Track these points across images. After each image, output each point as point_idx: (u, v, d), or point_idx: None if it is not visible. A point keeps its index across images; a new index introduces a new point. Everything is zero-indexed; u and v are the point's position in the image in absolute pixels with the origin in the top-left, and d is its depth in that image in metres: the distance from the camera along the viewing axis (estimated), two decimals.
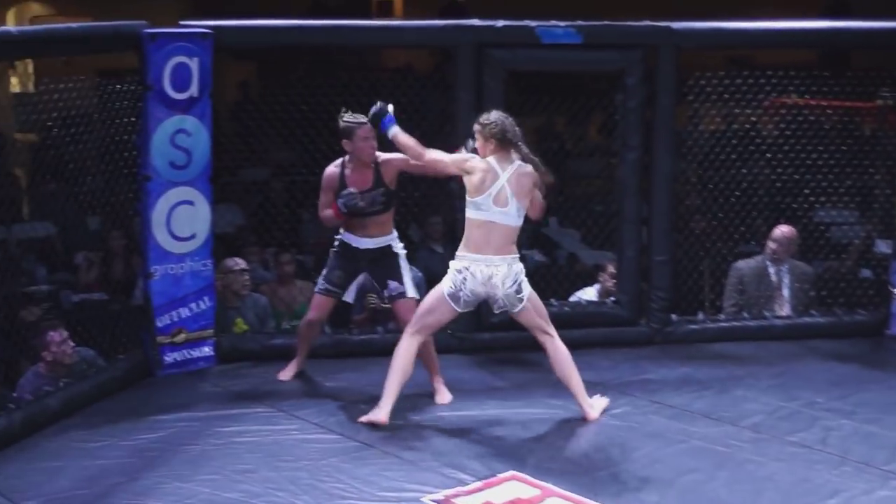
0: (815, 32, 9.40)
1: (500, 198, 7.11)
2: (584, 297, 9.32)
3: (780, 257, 9.39)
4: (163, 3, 17.65)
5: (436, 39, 8.76)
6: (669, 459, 6.76)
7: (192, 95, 8.00)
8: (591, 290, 9.39)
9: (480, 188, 7.09)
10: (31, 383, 7.55)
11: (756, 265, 9.46)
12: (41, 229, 10.14)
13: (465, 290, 7.15)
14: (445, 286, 7.18)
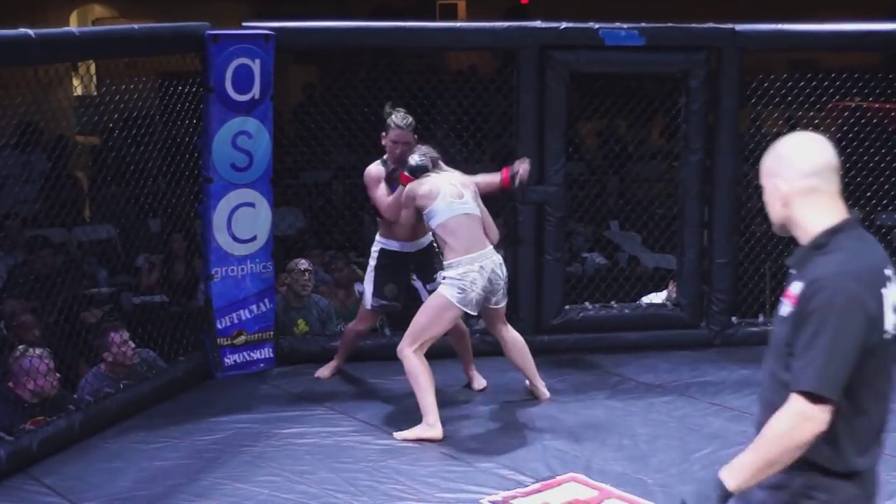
0: (879, 35, 9.29)
1: (455, 193, 7.31)
2: (652, 302, 9.28)
3: None
4: (225, 4, 17.79)
5: (498, 41, 8.74)
6: (729, 461, 6.69)
7: (253, 97, 8.01)
8: (659, 296, 9.34)
9: (431, 194, 7.28)
10: (92, 384, 7.59)
11: None
12: (102, 232, 10.20)
13: (475, 292, 7.18)
14: (452, 296, 7.15)
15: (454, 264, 7.16)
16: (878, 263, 3.61)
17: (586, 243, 11.19)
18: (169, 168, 8.26)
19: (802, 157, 3.71)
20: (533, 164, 8.34)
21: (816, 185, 3.67)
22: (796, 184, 3.68)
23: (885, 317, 3.54)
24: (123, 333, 7.68)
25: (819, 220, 3.66)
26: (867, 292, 3.52)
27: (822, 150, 3.71)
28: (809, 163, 3.70)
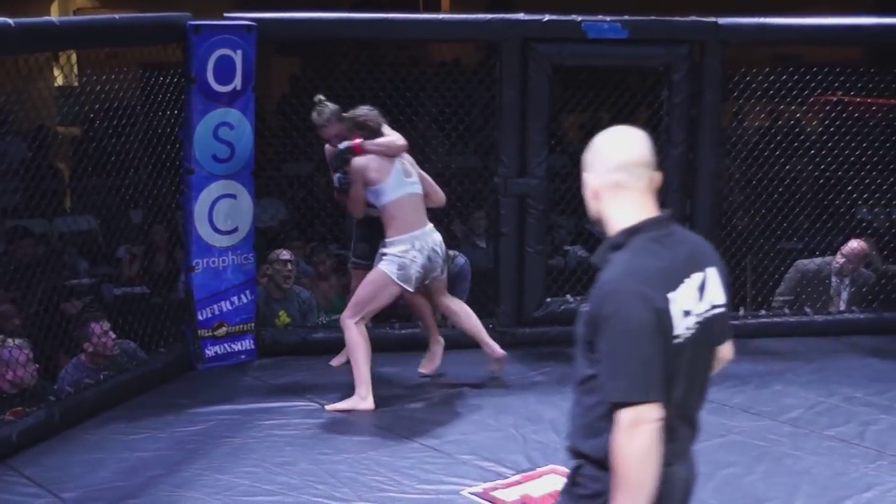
0: (861, 29, 9.32)
1: (405, 171, 7.47)
2: None
3: (846, 272, 9.37)
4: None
5: (481, 33, 8.73)
6: (708, 453, 6.67)
7: (235, 88, 8.00)
8: None
9: (382, 171, 7.39)
10: (72, 375, 7.56)
11: (818, 269, 9.42)
12: (83, 223, 10.15)
13: (415, 269, 7.35)
14: (392, 272, 7.34)
15: (395, 242, 7.37)
16: (672, 266, 3.53)
17: (568, 236, 11.19)
18: (150, 159, 8.24)
19: (611, 150, 3.62)
20: (515, 156, 8.37)
21: (623, 180, 3.59)
22: (604, 178, 3.61)
23: (673, 320, 3.47)
24: (104, 324, 7.66)
25: (622, 217, 3.61)
26: (656, 292, 3.44)
27: (632, 145, 3.62)
28: (617, 157, 3.60)
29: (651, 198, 3.62)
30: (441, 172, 9.43)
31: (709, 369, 3.69)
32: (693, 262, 3.58)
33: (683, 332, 3.49)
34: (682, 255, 3.57)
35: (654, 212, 3.62)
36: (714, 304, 3.62)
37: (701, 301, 3.57)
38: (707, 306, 3.59)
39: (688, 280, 3.53)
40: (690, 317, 3.52)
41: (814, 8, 9.51)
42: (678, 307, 3.48)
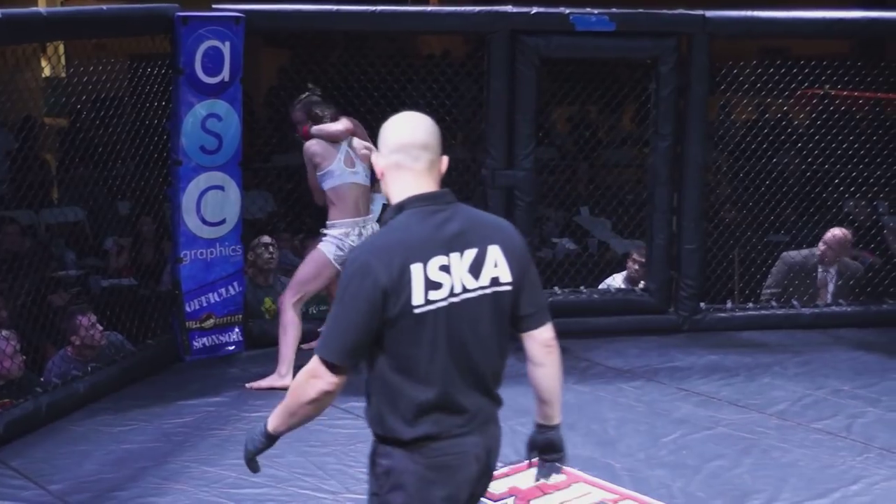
0: (849, 22, 9.32)
1: (348, 161, 7.58)
2: (612, 284, 9.32)
3: (830, 260, 9.38)
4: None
5: (469, 26, 8.72)
6: (696, 446, 6.77)
7: (223, 80, 7.99)
8: (619, 277, 9.39)
9: (327, 157, 7.55)
10: (59, 367, 7.56)
11: (804, 260, 9.44)
12: (71, 214, 10.15)
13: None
14: (330, 252, 7.50)
15: (337, 224, 7.55)
16: (428, 240, 3.73)
17: (556, 228, 11.20)
18: (138, 150, 8.23)
19: (392, 134, 3.85)
20: (503, 148, 8.38)
21: (401, 161, 3.81)
22: (387, 159, 3.84)
23: (412, 291, 3.68)
24: (91, 316, 7.65)
25: (397, 195, 3.84)
26: (386, 264, 3.67)
27: (411, 128, 3.86)
28: (396, 140, 3.83)
29: (430, 178, 3.83)
30: None
31: (497, 343, 3.87)
32: (463, 239, 3.77)
33: (427, 304, 3.70)
34: (449, 232, 3.76)
35: (430, 190, 3.83)
36: (495, 280, 3.81)
37: (474, 277, 3.78)
38: (485, 282, 3.79)
39: (450, 255, 3.74)
40: (443, 289, 3.72)
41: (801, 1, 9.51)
42: (421, 278, 3.69)
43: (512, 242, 3.88)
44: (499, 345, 3.89)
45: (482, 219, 3.91)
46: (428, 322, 3.73)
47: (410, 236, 3.74)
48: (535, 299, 3.94)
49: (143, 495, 6.07)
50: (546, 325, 3.99)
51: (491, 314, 3.84)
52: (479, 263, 3.79)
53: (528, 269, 3.91)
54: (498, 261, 3.82)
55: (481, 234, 3.82)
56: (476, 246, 3.79)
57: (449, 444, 3.80)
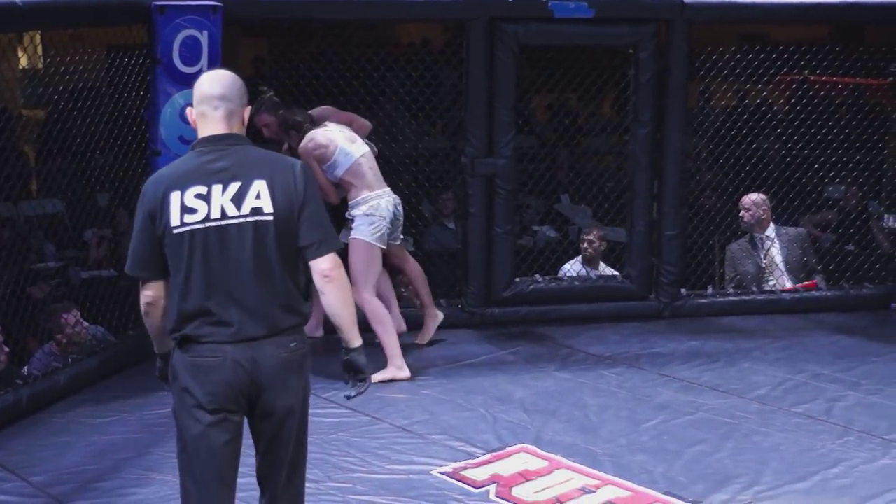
0: (827, 7, 9.32)
1: (348, 140, 7.69)
2: (570, 269, 9.30)
3: (752, 224, 9.34)
4: None
5: (447, 13, 8.71)
6: (677, 431, 6.79)
7: (201, 69, 7.92)
8: (576, 261, 9.35)
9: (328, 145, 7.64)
10: (42, 363, 7.54)
11: (742, 241, 9.47)
12: (49, 206, 10.10)
13: (384, 225, 7.59)
14: (365, 235, 7.55)
15: (360, 201, 7.58)
16: (193, 173, 4.39)
17: (537, 216, 11.20)
18: (116, 141, 8.20)
19: (198, 88, 4.52)
20: (483, 136, 8.37)
21: (204, 110, 4.48)
22: (196, 109, 4.51)
23: (171, 214, 4.34)
24: (75, 313, 7.64)
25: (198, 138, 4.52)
26: (153, 192, 4.41)
27: (212, 83, 4.51)
28: (199, 93, 4.51)
29: (224, 125, 4.46)
30: (409, 153, 9.43)
31: (267, 268, 4.39)
32: (228, 174, 4.38)
33: (182, 226, 4.34)
34: (215, 167, 4.39)
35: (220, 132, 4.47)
36: (257, 210, 4.37)
37: (236, 206, 4.35)
38: (246, 211, 4.36)
39: (212, 186, 4.35)
40: (198, 214, 4.33)
41: None
42: (176, 206, 4.34)
43: (284, 179, 4.41)
44: (270, 270, 4.40)
45: (258, 158, 4.47)
46: (185, 241, 4.35)
47: (178, 169, 4.45)
48: (313, 233, 4.45)
49: (125, 486, 6.06)
50: (324, 256, 4.48)
51: (253, 240, 4.38)
52: (242, 195, 4.37)
53: (303, 204, 4.42)
54: (261, 193, 4.38)
55: (250, 171, 4.39)
56: (241, 180, 4.37)
57: (207, 349, 4.39)
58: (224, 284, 4.38)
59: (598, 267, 9.29)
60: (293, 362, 4.49)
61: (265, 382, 4.44)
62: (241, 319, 4.38)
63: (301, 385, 4.57)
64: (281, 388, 4.48)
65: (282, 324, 4.45)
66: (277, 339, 4.44)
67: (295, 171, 4.46)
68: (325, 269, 4.47)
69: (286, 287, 4.44)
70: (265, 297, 4.41)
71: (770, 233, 9.39)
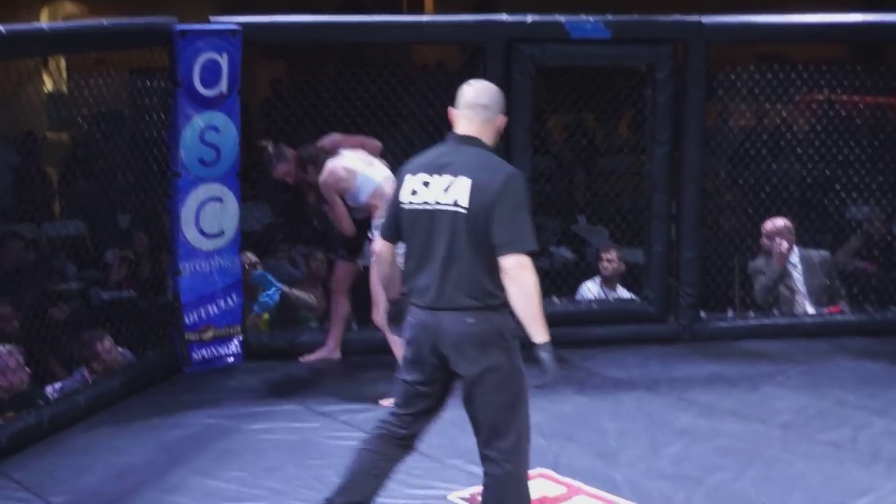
0: (847, 27, 9.33)
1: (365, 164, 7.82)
2: (589, 289, 9.29)
3: (770, 250, 9.28)
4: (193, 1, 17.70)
5: (465, 35, 8.74)
6: (697, 457, 6.73)
7: (221, 92, 8.02)
8: (593, 283, 9.33)
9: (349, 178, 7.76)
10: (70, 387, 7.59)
11: (763, 262, 9.39)
12: (72, 227, 10.16)
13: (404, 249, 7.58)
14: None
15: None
16: (425, 164, 5.16)
17: (553, 237, 11.19)
18: (137, 163, 8.25)
19: (463, 94, 5.26)
20: (500, 157, 8.37)
21: (465, 113, 5.20)
22: (459, 111, 5.23)
23: (402, 192, 5.16)
24: (107, 340, 7.71)
25: None
26: (400, 173, 5.25)
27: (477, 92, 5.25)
28: (465, 98, 5.24)
29: (471, 127, 5.19)
30: None
31: (457, 251, 5.02)
32: (448, 168, 5.07)
33: (407, 203, 5.14)
34: (444, 161, 5.11)
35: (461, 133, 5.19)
36: (456, 203, 5.00)
37: (444, 193, 5.03)
38: (450, 201, 5.02)
39: (431, 176, 5.09)
40: (418, 196, 5.10)
41: (799, 6, 9.52)
42: (408, 186, 5.15)
43: (485, 181, 4.99)
44: (458, 254, 5.03)
45: (476, 160, 5.08)
46: (408, 216, 5.14)
47: (421, 158, 5.23)
48: (501, 233, 4.95)
49: None
50: (508, 255, 4.95)
51: (450, 225, 5.02)
52: (450, 187, 5.02)
53: (496, 205, 4.95)
54: (463, 189, 4.99)
55: (463, 168, 5.02)
56: (454, 174, 5.03)
57: (414, 310, 5.19)
58: (426, 255, 5.10)
59: (615, 288, 9.28)
60: (470, 335, 5.05)
61: (446, 350, 5.10)
62: (431, 290, 5.08)
63: (482, 357, 5.08)
64: (460, 357, 5.09)
65: (461, 302, 5.04)
66: (456, 314, 5.04)
67: (498, 176, 5.03)
68: (507, 268, 4.96)
69: (469, 271, 5.02)
70: (450, 276, 5.04)
71: (793, 258, 9.33)
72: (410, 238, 5.17)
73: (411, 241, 5.17)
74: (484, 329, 5.05)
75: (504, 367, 5.14)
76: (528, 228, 5.04)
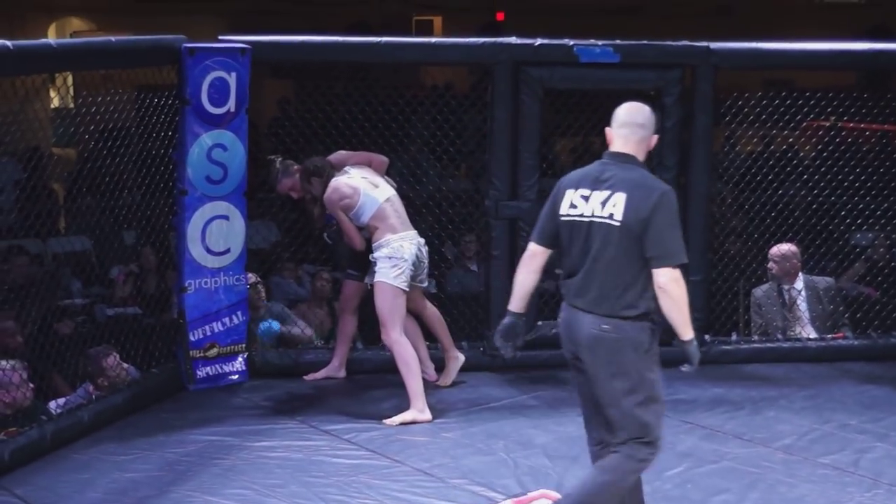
0: (854, 54, 9.35)
1: (370, 185, 7.81)
2: None
3: (780, 276, 9.31)
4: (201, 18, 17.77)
5: (473, 57, 8.76)
6: (701, 480, 6.73)
7: (229, 110, 8.04)
8: None
9: (353, 195, 7.77)
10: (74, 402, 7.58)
11: (768, 289, 9.40)
12: (77, 243, 10.18)
13: (407, 267, 7.69)
14: (388, 278, 7.65)
15: (383, 244, 7.68)
16: (584, 179, 5.55)
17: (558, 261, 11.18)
18: (144, 180, 8.26)
19: (620, 115, 5.62)
20: (507, 179, 8.41)
21: (622, 132, 5.58)
22: (616, 130, 5.60)
23: (562, 205, 5.56)
24: (115, 356, 7.72)
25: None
26: (558, 187, 5.64)
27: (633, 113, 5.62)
28: (620, 119, 5.61)
29: (627, 146, 5.55)
30: (432, 195, 9.45)
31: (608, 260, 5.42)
32: (607, 184, 5.45)
33: (566, 215, 5.54)
34: (603, 177, 5.48)
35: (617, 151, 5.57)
36: (612, 216, 5.40)
37: (601, 207, 5.43)
38: (606, 214, 5.41)
39: (590, 191, 5.48)
40: (577, 209, 5.49)
41: (806, 32, 9.54)
42: (568, 200, 5.54)
43: (640, 198, 5.36)
44: (609, 265, 5.42)
45: (632, 178, 5.45)
46: (566, 226, 5.54)
47: (580, 174, 5.61)
48: (653, 248, 5.36)
49: None
50: (659, 269, 5.37)
51: (604, 237, 5.42)
52: (606, 202, 5.42)
53: (650, 220, 5.34)
54: (618, 204, 5.38)
55: (620, 185, 5.41)
56: (611, 190, 5.42)
57: (562, 306, 5.66)
58: (578, 265, 5.51)
59: None
60: (603, 339, 5.45)
61: (580, 348, 5.53)
62: (578, 293, 5.52)
63: (610, 364, 5.48)
64: (593, 359, 5.50)
65: (601, 308, 5.45)
66: (595, 318, 5.46)
67: (653, 195, 5.41)
68: (659, 281, 5.39)
69: (614, 282, 5.43)
70: (596, 283, 5.45)
71: (798, 285, 9.34)
72: (567, 246, 5.57)
73: (568, 249, 5.57)
74: (616, 337, 5.45)
75: (632, 377, 5.54)
76: (679, 243, 5.47)
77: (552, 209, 5.64)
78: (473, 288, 9.65)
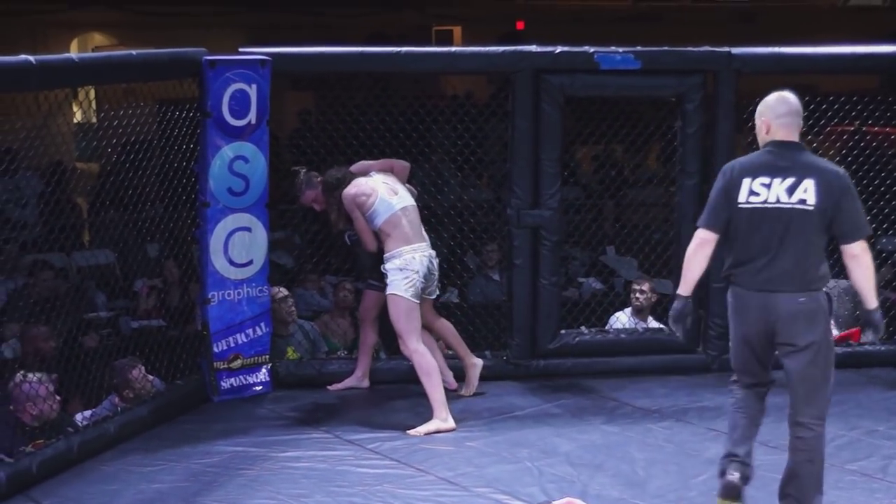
0: (878, 58, 9.31)
1: (390, 192, 7.82)
2: (619, 320, 9.29)
3: None
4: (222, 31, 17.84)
5: (494, 66, 8.75)
6: None
7: (250, 122, 8.06)
8: (624, 313, 9.34)
9: (369, 194, 7.78)
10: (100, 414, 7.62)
11: None
12: (101, 257, 10.22)
13: (418, 279, 7.69)
14: (400, 290, 7.65)
15: (395, 255, 7.68)
16: (758, 166, 5.90)
17: (582, 268, 11.19)
18: (167, 193, 8.29)
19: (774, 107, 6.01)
20: (528, 188, 8.41)
21: (782, 122, 5.95)
22: (773, 121, 5.98)
23: (739, 193, 5.90)
24: (140, 368, 7.76)
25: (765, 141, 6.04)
26: (730, 175, 5.96)
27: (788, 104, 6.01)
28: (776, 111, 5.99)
29: (791, 134, 5.93)
30: (454, 205, 9.46)
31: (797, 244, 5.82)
32: (785, 171, 5.83)
33: (746, 203, 5.87)
34: (780, 165, 5.86)
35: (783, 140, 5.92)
36: (803, 201, 5.78)
37: (788, 194, 5.81)
38: (795, 200, 5.79)
39: (770, 178, 5.84)
40: (759, 196, 5.84)
41: (829, 36, 9.50)
42: (746, 187, 5.88)
43: (827, 182, 5.78)
44: (798, 246, 5.82)
45: (811, 162, 5.86)
46: (747, 214, 5.87)
47: (752, 162, 5.96)
48: (844, 225, 5.82)
49: None
50: (851, 243, 5.83)
51: (793, 221, 5.80)
52: (794, 188, 5.80)
53: (838, 201, 5.77)
54: (808, 189, 5.78)
55: (803, 171, 5.81)
56: (795, 176, 5.80)
57: (746, 293, 5.96)
58: (764, 250, 5.86)
59: (646, 319, 9.28)
60: (801, 312, 5.86)
61: (779, 326, 5.88)
62: (768, 275, 5.85)
63: (809, 332, 5.88)
64: (793, 331, 5.88)
65: (795, 285, 5.85)
66: (791, 295, 5.84)
67: (838, 176, 5.85)
68: (854, 252, 5.82)
69: (804, 260, 5.84)
70: (787, 263, 5.82)
71: None
72: (747, 232, 5.89)
73: (748, 235, 5.89)
74: (812, 308, 5.87)
75: (824, 342, 5.94)
76: (864, 217, 5.96)
77: (726, 197, 5.95)
78: (496, 297, 9.65)
